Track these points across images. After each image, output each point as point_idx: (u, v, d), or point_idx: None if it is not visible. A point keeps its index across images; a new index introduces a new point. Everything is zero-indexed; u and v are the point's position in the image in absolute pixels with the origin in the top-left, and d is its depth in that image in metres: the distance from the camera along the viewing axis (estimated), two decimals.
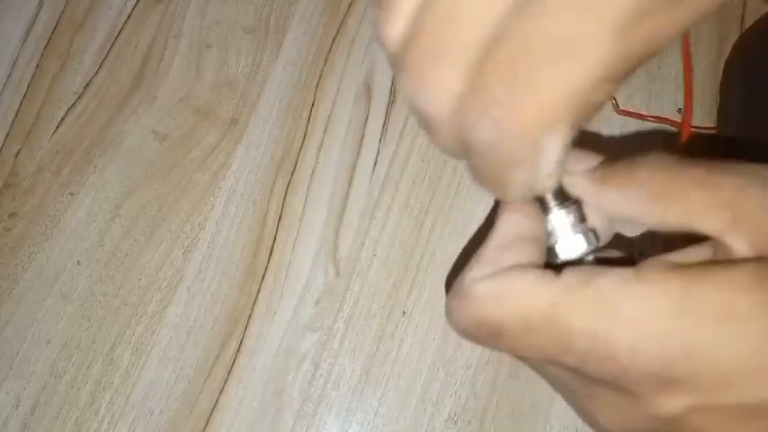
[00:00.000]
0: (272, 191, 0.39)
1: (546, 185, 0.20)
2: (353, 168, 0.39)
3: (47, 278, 0.37)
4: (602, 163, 0.21)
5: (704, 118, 0.40)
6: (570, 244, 0.22)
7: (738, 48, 0.40)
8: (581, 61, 0.16)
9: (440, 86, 0.17)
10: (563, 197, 0.22)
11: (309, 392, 0.36)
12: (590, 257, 0.22)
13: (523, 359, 0.21)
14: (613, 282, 0.18)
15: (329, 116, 0.40)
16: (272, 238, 0.38)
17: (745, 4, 0.43)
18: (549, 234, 0.22)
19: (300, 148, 0.40)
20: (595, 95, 0.17)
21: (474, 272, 0.21)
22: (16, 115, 0.40)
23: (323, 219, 0.38)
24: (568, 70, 0.16)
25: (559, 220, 0.22)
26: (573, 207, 0.22)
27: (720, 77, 0.41)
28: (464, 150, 0.19)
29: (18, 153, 0.39)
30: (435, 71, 0.17)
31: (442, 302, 0.37)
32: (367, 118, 0.40)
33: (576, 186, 0.22)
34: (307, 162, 0.39)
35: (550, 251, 0.23)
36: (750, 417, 0.17)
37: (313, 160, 0.39)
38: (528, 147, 0.18)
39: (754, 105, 0.37)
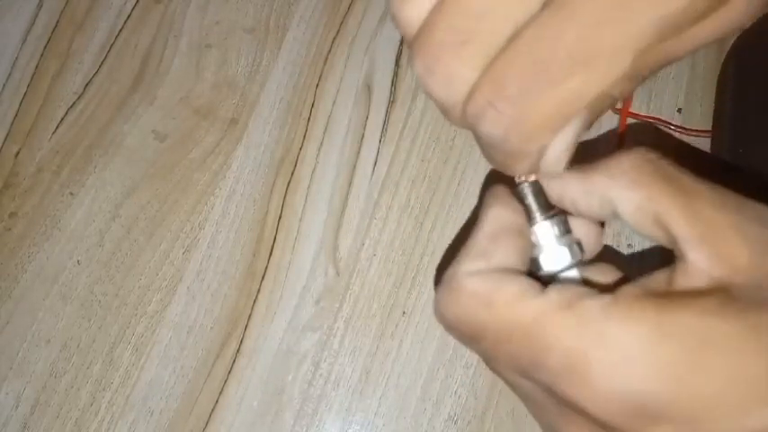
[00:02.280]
0: (272, 191, 0.39)
1: (551, 172, 0.20)
2: (353, 168, 0.39)
3: (47, 278, 0.37)
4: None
5: (704, 119, 0.40)
6: (554, 256, 0.22)
7: (736, 47, 0.40)
8: (598, 71, 0.16)
9: (454, 74, 0.17)
10: (548, 208, 0.22)
11: (309, 392, 0.36)
12: (574, 270, 0.22)
13: (497, 371, 0.21)
14: (593, 307, 0.18)
15: (329, 116, 0.40)
16: (272, 238, 0.38)
17: None
18: (533, 245, 0.22)
19: (300, 148, 0.40)
20: (608, 101, 0.18)
21: (466, 264, 0.21)
22: (16, 115, 0.40)
23: (323, 219, 0.38)
24: (586, 78, 0.16)
25: (544, 231, 0.22)
26: (558, 218, 0.22)
27: (718, 76, 0.41)
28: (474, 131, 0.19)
29: (18, 153, 0.39)
30: (452, 59, 0.17)
31: None
32: (367, 118, 0.40)
33: (560, 181, 0.21)
34: (307, 162, 0.39)
35: (534, 262, 0.22)
36: None
37: (313, 160, 0.39)
38: (533, 144, 0.18)
39: (747, 104, 0.37)
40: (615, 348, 0.17)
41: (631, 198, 0.19)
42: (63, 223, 0.38)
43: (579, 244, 0.22)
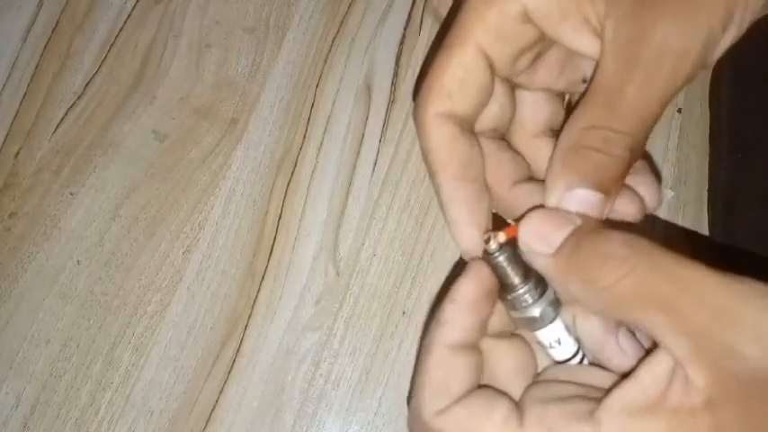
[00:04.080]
0: (272, 191, 0.39)
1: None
2: (353, 168, 0.39)
3: (47, 278, 0.37)
4: (569, 242, 0.20)
5: (704, 119, 0.40)
6: (528, 321, 0.22)
7: (730, 51, 0.40)
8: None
9: None
10: (522, 272, 0.22)
11: (309, 392, 0.36)
12: (556, 323, 0.22)
13: None
14: None
15: (329, 116, 0.40)
16: (272, 238, 0.38)
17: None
18: (510, 304, 0.22)
19: (300, 148, 0.40)
20: None
21: (431, 403, 0.21)
22: (16, 115, 0.40)
23: (323, 219, 0.39)
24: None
25: (519, 296, 0.22)
26: (533, 281, 0.22)
27: (710, 81, 0.41)
28: None
29: (18, 153, 0.39)
30: None
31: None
32: (367, 118, 0.40)
33: (540, 270, 0.21)
34: (307, 162, 0.39)
35: (514, 321, 0.23)
36: None
37: (313, 160, 0.39)
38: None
39: (744, 109, 0.37)
40: None
41: (612, 315, 0.20)
42: (63, 223, 0.38)
43: (557, 301, 0.23)
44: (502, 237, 0.21)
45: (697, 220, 0.39)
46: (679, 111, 0.41)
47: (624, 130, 0.21)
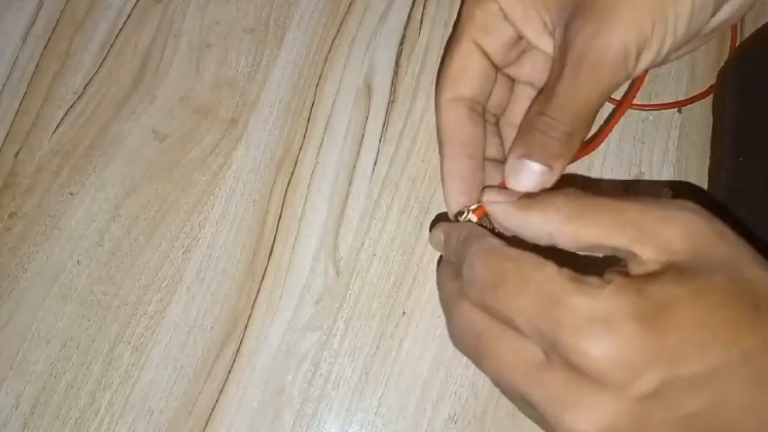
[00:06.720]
0: (272, 191, 0.39)
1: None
2: (353, 168, 0.39)
3: (47, 278, 0.37)
4: (523, 196, 0.26)
5: (704, 119, 0.40)
6: None
7: (737, 56, 0.40)
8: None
9: None
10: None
11: (309, 392, 0.36)
12: None
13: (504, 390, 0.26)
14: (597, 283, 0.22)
15: (329, 116, 0.40)
16: (272, 238, 0.38)
17: None
18: None
19: (300, 148, 0.40)
20: None
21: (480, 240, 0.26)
22: (16, 115, 0.40)
23: (323, 219, 0.38)
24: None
25: None
26: None
27: (716, 84, 0.41)
28: None
29: (17, 153, 0.39)
30: None
31: None
32: (367, 118, 0.40)
33: (501, 214, 0.26)
34: (307, 162, 0.39)
35: None
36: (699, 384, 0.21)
37: (313, 160, 0.39)
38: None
39: (748, 113, 0.37)
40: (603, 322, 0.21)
41: (567, 231, 0.24)
42: (63, 223, 0.38)
43: None
44: (473, 216, 0.27)
45: None
46: (679, 111, 0.41)
47: (559, 118, 0.26)
